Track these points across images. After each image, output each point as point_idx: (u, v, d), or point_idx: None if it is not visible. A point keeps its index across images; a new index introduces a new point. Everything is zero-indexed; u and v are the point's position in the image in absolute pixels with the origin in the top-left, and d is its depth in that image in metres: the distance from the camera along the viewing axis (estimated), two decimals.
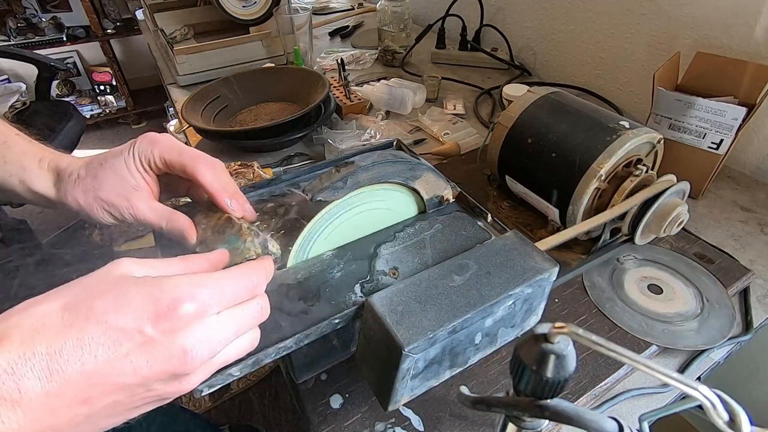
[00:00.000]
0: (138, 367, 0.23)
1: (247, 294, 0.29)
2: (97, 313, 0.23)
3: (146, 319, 0.24)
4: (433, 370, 0.35)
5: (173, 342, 0.24)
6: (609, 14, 0.91)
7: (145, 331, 0.24)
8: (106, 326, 0.23)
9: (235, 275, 0.29)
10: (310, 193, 0.38)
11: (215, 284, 0.27)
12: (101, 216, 0.37)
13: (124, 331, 0.23)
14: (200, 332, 0.25)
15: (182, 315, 0.25)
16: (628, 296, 0.54)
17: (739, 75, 0.67)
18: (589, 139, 0.52)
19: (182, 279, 0.26)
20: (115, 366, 0.23)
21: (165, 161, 0.37)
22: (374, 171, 0.40)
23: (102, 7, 2.39)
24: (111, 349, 0.23)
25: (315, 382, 0.46)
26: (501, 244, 0.39)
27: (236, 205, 0.37)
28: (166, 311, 0.24)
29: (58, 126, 1.54)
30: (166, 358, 0.24)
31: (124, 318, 0.24)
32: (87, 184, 0.36)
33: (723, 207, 0.69)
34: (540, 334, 0.23)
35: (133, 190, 0.36)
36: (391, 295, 0.34)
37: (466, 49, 1.14)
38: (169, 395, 0.26)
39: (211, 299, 0.26)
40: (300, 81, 0.88)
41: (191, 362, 0.25)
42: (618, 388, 0.47)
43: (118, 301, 0.24)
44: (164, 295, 0.25)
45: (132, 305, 0.24)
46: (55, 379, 0.22)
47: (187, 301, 0.25)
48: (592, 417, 0.22)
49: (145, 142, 0.37)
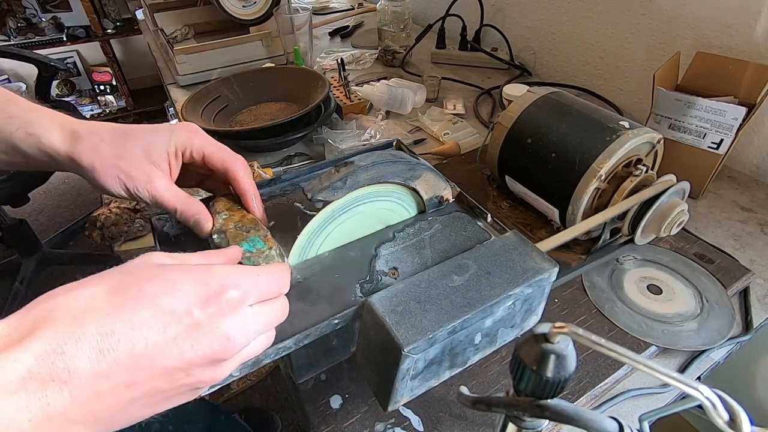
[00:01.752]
0: (183, 351, 0.24)
1: (277, 291, 0.30)
2: (147, 296, 0.23)
3: (195, 302, 0.24)
4: (432, 370, 0.35)
5: (218, 327, 0.25)
6: (609, 14, 0.91)
7: (194, 314, 0.24)
8: (157, 308, 0.23)
9: (270, 272, 0.30)
10: (309, 193, 0.38)
11: (254, 276, 0.28)
12: (112, 184, 0.36)
13: (174, 314, 0.24)
14: (240, 320, 0.26)
15: (228, 300, 0.25)
16: (627, 297, 0.54)
17: (739, 75, 0.67)
18: (589, 139, 0.52)
19: (226, 268, 0.27)
20: (163, 349, 0.23)
21: (204, 155, 0.38)
22: (374, 171, 0.40)
23: (102, 7, 2.39)
24: (160, 332, 0.23)
25: (315, 383, 0.46)
26: (501, 244, 0.39)
27: (260, 208, 0.40)
28: (214, 295, 0.25)
29: None
30: (210, 343, 0.24)
31: (175, 301, 0.24)
32: (110, 149, 0.36)
33: (723, 207, 0.69)
34: (540, 333, 0.23)
35: (155, 168, 0.37)
36: (390, 295, 0.34)
37: (466, 49, 1.14)
38: (204, 384, 0.26)
39: (252, 289, 0.27)
40: (300, 81, 0.88)
41: (231, 348, 0.25)
42: (618, 388, 0.47)
43: (168, 284, 0.24)
44: (212, 281, 0.26)
45: (183, 289, 0.24)
46: (105, 360, 0.21)
47: (233, 288, 0.26)
48: (592, 417, 0.22)
49: (187, 131, 0.38)
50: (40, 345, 0.20)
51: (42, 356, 0.20)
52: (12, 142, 0.36)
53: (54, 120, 0.37)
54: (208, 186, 0.44)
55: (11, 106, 0.37)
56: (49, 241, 1.73)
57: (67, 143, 0.36)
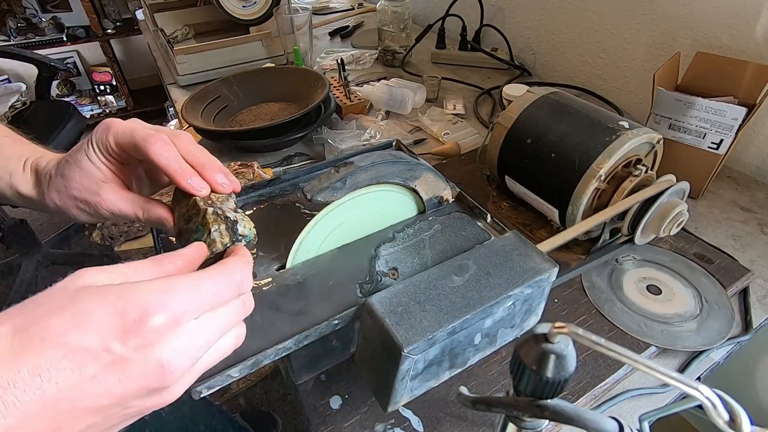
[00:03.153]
0: (109, 388, 0.21)
1: (232, 294, 0.26)
2: (53, 334, 0.20)
3: (112, 335, 0.21)
4: (432, 370, 0.35)
5: (148, 357, 0.22)
6: (609, 14, 0.91)
7: (113, 349, 0.21)
8: (66, 348, 0.20)
9: (215, 275, 0.26)
10: (309, 193, 0.38)
11: (192, 288, 0.24)
12: (77, 215, 0.35)
13: (89, 351, 0.21)
14: (177, 342, 0.23)
15: (154, 327, 0.22)
16: (627, 297, 0.54)
17: (739, 75, 0.67)
18: (589, 140, 0.52)
19: (150, 286, 0.23)
20: (82, 390, 0.20)
21: (120, 145, 0.33)
22: (373, 171, 0.40)
23: (102, 7, 2.39)
24: (75, 373, 0.20)
25: (314, 383, 0.45)
26: (500, 244, 0.39)
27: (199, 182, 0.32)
28: (134, 325, 0.21)
29: (58, 126, 1.54)
30: (142, 375, 0.22)
31: (87, 336, 0.21)
32: (59, 183, 0.35)
33: (723, 207, 0.69)
34: (540, 334, 0.23)
35: (101, 183, 0.34)
36: (390, 296, 0.34)
37: (466, 49, 1.14)
38: (151, 409, 0.24)
39: (188, 305, 0.23)
40: (300, 81, 0.88)
41: (170, 375, 0.23)
42: (618, 388, 0.47)
43: (78, 317, 0.21)
44: (130, 307, 0.22)
45: (94, 321, 0.21)
46: (12, 414, 0.19)
47: (158, 312, 0.22)
48: (592, 417, 0.22)
49: (101, 129, 0.34)
50: None
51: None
52: None
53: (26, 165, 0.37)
54: None
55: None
56: (49, 241, 1.73)
57: (34, 189, 0.36)
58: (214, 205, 0.31)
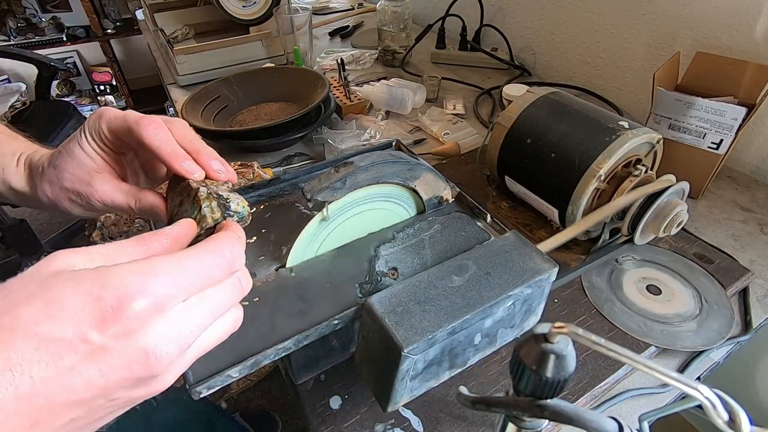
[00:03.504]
0: (90, 379, 0.20)
1: (223, 272, 0.24)
2: (24, 324, 0.19)
3: (88, 324, 0.20)
4: (432, 371, 0.35)
5: (130, 346, 0.20)
6: (609, 14, 0.91)
7: (90, 338, 0.19)
8: (39, 339, 0.19)
9: (200, 253, 0.24)
10: (309, 193, 0.38)
11: (175, 268, 0.22)
12: (70, 207, 0.35)
13: (63, 342, 0.19)
14: (163, 328, 0.21)
15: (134, 314, 0.20)
16: (626, 297, 0.54)
17: (739, 75, 0.67)
18: (589, 140, 0.52)
19: (129, 268, 0.21)
20: (61, 383, 0.19)
21: (113, 131, 0.33)
22: (373, 171, 0.40)
23: (102, 7, 2.39)
24: (50, 365, 0.19)
25: (314, 383, 0.45)
26: (500, 244, 0.39)
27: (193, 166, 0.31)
28: (111, 312, 0.20)
29: (57, 126, 1.54)
30: (125, 364, 0.20)
31: (61, 326, 0.19)
32: (51, 175, 0.34)
33: (723, 207, 0.69)
34: (540, 334, 0.23)
35: (94, 174, 0.34)
36: (390, 296, 0.34)
37: (466, 49, 1.14)
38: (140, 399, 0.23)
39: (172, 287, 0.22)
40: (300, 81, 0.88)
41: (157, 363, 0.21)
42: (618, 388, 0.47)
43: (51, 306, 0.19)
44: (106, 293, 0.20)
45: (68, 309, 0.19)
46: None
47: (137, 297, 0.20)
48: (592, 417, 0.22)
49: (94, 117, 0.33)
50: None
51: None
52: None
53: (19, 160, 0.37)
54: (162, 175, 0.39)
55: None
56: (49, 241, 1.73)
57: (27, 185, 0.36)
58: (208, 187, 0.30)
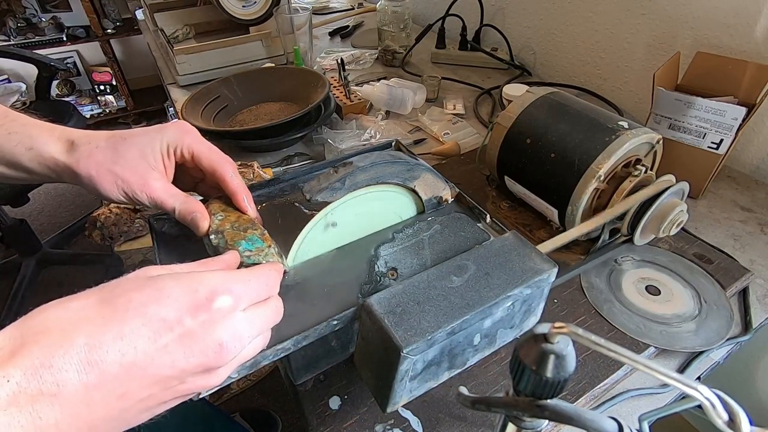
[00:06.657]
0: (176, 359, 0.24)
1: (267, 293, 0.30)
2: (136, 305, 0.24)
3: (186, 309, 0.24)
4: (431, 371, 0.35)
5: (210, 334, 0.25)
6: (609, 14, 0.91)
7: (185, 322, 0.24)
8: (147, 317, 0.23)
9: (260, 274, 0.30)
10: (308, 193, 0.38)
11: (246, 281, 0.28)
12: (110, 190, 0.36)
13: (165, 322, 0.24)
14: (233, 326, 0.26)
15: (219, 307, 0.25)
16: (626, 297, 0.54)
17: (739, 75, 0.67)
18: (588, 140, 0.52)
19: (216, 273, 0.27)
20: (154, 358, 0.23)
21: (193, 153, 0.38)
22: (372, 172, 0.40)
23: (102, 7, 2.39)
24: (151, 341, 0.23)
25: (314, 384, 0.45)
26: (500, 244, 0.39)
27: (252, 207, 0.40)
28: (204, 302, 0.25)
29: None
30: (203, 350, 0.24)
31: (165, 309, 0.24)
32: (106, 155, 0.36)
33: (723, 207, 0.69)
34: (540, 334, 0.23)
35: (151, 170, 0.37)
36: (389, 296, 0.34)
37: (466, 49, 1.14)
38: (199, 389, 0.26)
39: (244, 294, 0.27)
40: (300, 81, 0.88)
41: (225, 355, 0.25)
42: (618, 388, 0.47)
43: (157, 293, 0.24)
44: (202, 287, 0.25)
45: (172, 296, 0.24)
46: (94, 372, 0.21)
47: (224, 294, 0.26)
48: (592, 417, 0.22)
49: (178, 129, 0.38)
50: (29, 359, 0.20)
51: (30, 371, 0.20)
52: (13, 158, 0.37)
53: (52, 133, 0.37)
54: (202, 190, 0.44)
55: (10, 123, 0.37)
56: (49, 241, 1.73)
57: (65, 154, 0.36)
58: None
